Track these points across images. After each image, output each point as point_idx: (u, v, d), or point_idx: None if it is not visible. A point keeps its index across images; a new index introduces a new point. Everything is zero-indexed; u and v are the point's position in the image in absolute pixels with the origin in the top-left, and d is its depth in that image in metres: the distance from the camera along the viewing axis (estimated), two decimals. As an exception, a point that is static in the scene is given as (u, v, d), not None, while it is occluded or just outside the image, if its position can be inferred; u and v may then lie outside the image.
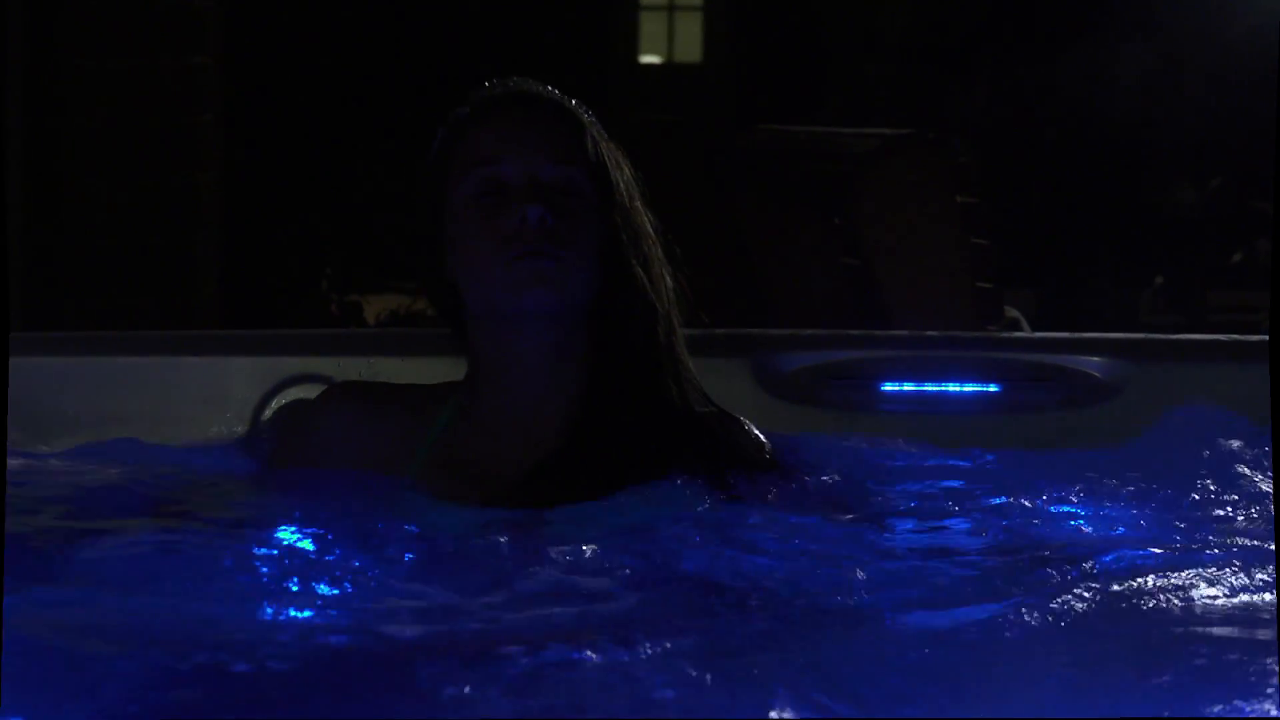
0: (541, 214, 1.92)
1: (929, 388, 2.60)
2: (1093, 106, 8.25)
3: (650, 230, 2.07)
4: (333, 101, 7.40)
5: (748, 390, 2.56)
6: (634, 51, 12.01)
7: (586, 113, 2.06)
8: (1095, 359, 2.62)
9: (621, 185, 2.04)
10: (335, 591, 1.67)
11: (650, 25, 12.24)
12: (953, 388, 2.60)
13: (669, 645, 1.45)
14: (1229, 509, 2.07)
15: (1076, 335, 2.69)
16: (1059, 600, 1.63)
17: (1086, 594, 1.64)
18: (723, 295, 4.36)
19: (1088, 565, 1.77)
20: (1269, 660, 1.38)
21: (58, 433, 2.46)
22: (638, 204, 2.07)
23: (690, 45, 12.19)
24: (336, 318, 7.13)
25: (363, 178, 7.78)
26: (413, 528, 1.88)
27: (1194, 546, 1.87)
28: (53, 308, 4.43)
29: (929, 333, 2.79)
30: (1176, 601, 1.62)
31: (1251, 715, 1.31)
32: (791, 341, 2.67)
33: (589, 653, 1.42)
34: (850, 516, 1.94)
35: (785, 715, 1.29)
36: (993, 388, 2.61)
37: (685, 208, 4.51)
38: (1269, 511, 2.01)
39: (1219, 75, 7.94)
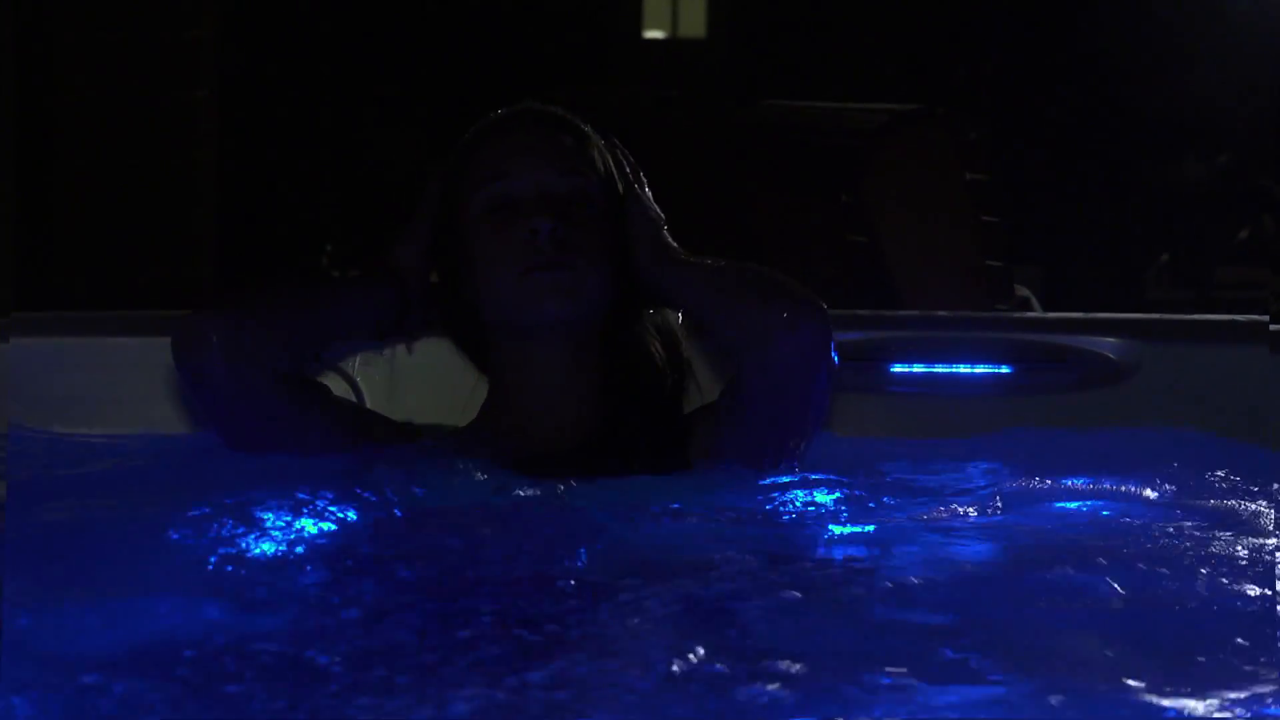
0: (552, 226, 1.94)
1: (939, 369, 2.57)
2: (1100, 80, 8.23)
3: None
4: (331, 75, 7.37)
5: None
6: (637, 26, 12.00)
7: (592, 130, 2.07)
8: (1109, 340, 2.58)
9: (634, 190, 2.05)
10: (348, 565, 1.69)
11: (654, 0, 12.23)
12: (963, 369, 2.57)
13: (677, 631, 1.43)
14: (1242, 497, 2.04)
15: (1089, 315, 2.65)
16: (1064, 592, 1.61)
17: (1091, 587, 1.62)
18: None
19: (1096, 553, 1.75)
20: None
21: (53, 414, 2.44)
22: (646, 192, 2.07)
23: (694, 19, 12.18)
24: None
25: (363, 151, 7.76)
26: (433, 503, 1.90)
27: (1206, 535, 1.84)
28: (47, 286, 4.40)
29: (939, 313, 2.75)
30: (1188, 592, 1.60)
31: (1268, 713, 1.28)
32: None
33: (590, 632, 1.43)
34: (860, 507, 1.92)
35: (788, 701, 1.27)
36: (1004, 369, 2.57)
37: (689, 185, 4.48)
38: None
39: (1227, 50, 7.90)
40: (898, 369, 2.57)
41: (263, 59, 6.45)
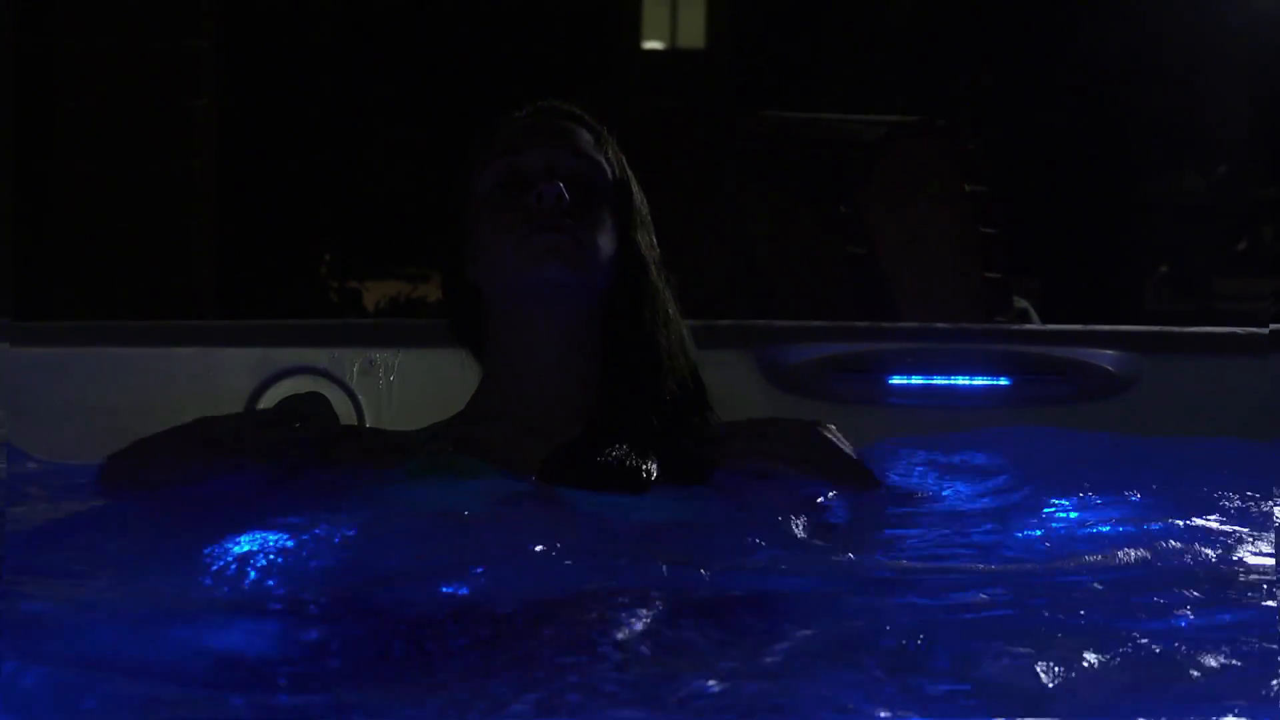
0: (559, 191, 1.95)
1: (938, 381, 2.56)
2: (1098, 92, 8.24)
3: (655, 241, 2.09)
4: (331, 84, 7.37)
5: (752, 383, 2.52)
6: (637, 37, 12.03)
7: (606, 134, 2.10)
8: (1107, 352, 2.58)
9: (638, 196, 2.05)
10: (347, 563, 1.68)
11: (653, 10, 12.25)
12: (962, 381, 2.56)
13: (664, 640, 1.43)
14: (1245, 506, 2.03)
15: (1088, 328, 2.65)
16: (1066, 604, 1.60)
17: (1094, 597, 1.61)
18: (726, 286, 4.33)
19: (1095, 567, 1.74)
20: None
21: (50, 424, 2.44)
22: (649, 223, 2.08)
23: (693, 30, 12.20)
24: (335, 304, 7.12)
25: (362, 162, 7.76)
26: (428, 498, 1.89)
27: (1206, 547, 1.84)
28: (45, 295, 4.40)
29: (937, 324, 2.75)
30: (1189, 604, 1.59)
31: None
32: (797, 333, 2.63)
33: (583, 631, 1.42)
34: (858, 513, 1.92)
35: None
36: (1003, 381, 2.57)
37: (688, 196, 4.49)
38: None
39: (1225, 63, 7.91)
40: (896, 381, 2.57)
41: (262, 68, 6.46)
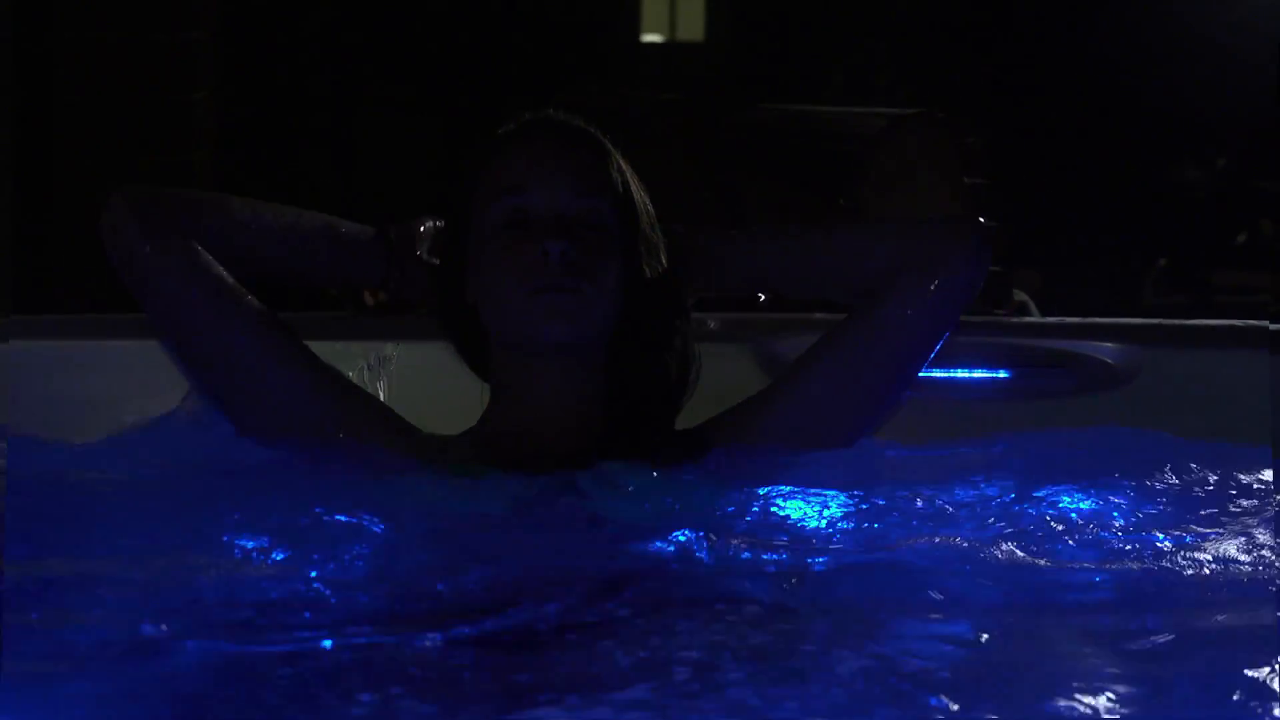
0: (564, 249, 1.95)
1: (936, 373, 2.56)
2: (1098, 84, 8.23)
3: (664, 259, 2.09)
4: (329, 77, 7.37)
5: (750, 376, 2.53)
6: (635, 30, 12.00)
7: (610, 141, 2.09)
8: (1107, 344, 2.58)
9: (644, 215, 2.05)
10: (345, 566, 1.69)
11: (652, 3, 12.23)
12: (961, 374, 2.57)
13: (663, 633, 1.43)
14: (1242, 501, 2.04)
15: (1087, 320, 2.65)
16: (1063, 596, 1.60)
17: (1090, 590, 1.62)
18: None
19: (1094, 558, 1.75)
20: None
21: (52, 417, 2.44)
22: (656, 230, 2.08)
23: (693, 23, 12.17)
24: (335, 298, 7.12)
25: (361, 154, 7.76)
26: (441, 512, 1.90)
27: (1202, 540, 1.84)
28: (45, 289, 4.40)
29: (936, 317, 2.74)
30: (1185, 599, 1.59)
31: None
32: (795, 325, 2.63)
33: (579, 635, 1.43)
34: (856, 512, 1.92)
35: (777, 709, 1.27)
36: (1002, 374, 2.57)
37: (686, 189, 4.48)
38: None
39: (1225, 55, 7.91)
40: (895, 373, 2.56)
41: (261, 61, 6.45)
